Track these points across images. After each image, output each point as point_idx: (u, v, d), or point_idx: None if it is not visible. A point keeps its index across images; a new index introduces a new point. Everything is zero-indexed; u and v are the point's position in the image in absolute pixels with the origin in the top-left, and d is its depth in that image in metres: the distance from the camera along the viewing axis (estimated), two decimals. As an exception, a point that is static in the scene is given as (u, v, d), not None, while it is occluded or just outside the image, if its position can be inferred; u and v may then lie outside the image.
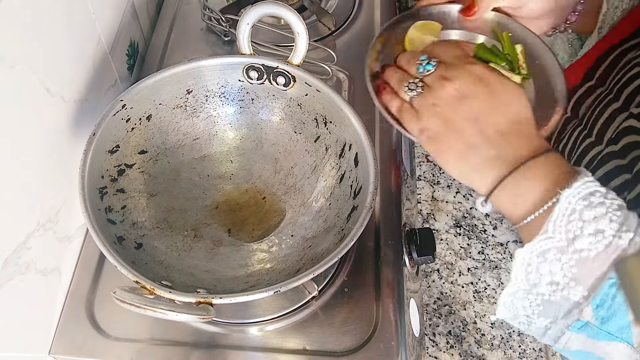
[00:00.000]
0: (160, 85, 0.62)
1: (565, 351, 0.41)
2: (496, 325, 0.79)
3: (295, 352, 0.59)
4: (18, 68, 0.49)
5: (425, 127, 0.45)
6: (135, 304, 0.43)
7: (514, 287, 0.40)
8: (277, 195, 0.67)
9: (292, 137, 0.67)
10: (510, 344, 0.77)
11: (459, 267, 0.84)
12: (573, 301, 0.37)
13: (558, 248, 0.37)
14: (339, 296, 0.63)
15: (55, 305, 0.62)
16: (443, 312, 0.80)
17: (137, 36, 0.83)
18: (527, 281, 0.39)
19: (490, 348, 0.77)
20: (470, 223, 0.89)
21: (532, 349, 0.77)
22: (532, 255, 0.38)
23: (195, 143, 0.68)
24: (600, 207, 0.37)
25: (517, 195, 0.41)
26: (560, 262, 0.37)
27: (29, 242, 0.54)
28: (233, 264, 0.61)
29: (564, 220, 0.37)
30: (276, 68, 0.62)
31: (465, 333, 0.78)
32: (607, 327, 0.37)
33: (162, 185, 0.64)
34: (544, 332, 0.40)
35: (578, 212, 0.37)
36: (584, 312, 0.37)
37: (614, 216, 0.37)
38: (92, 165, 0.54)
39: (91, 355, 0.59)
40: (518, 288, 0.40)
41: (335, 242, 0.55)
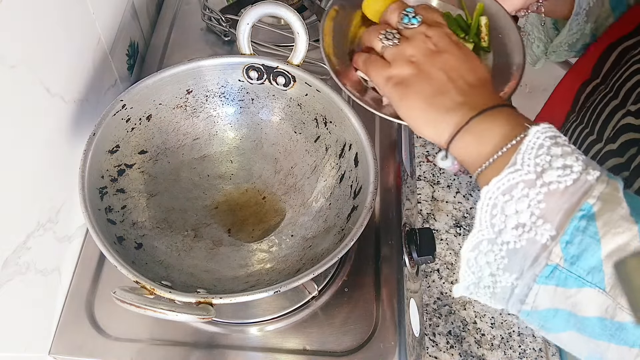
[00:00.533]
0: (160, 85, 0.62)
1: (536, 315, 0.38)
2: (496, 326, 0.79)
3: (295, 352, 0.59)
4: (18, 68, 0.49)
5: (394, 75, 0.45)
6: (135, 304, 0.43)
7: (477, 237, 0.39)
8: (277, 195, 0.67)
9: (292, 137, 0.67)
10: (510, 344, 0.77)
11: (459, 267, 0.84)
12: (540, 244, 0.36)
13: (526, 182, 0.36)
14: (339, 296, 0.63)
15: (55, 305, 0.62)
16: (443, 312, 0.80)
17: (137, 36, 0.83)
18: (492, 227, 0.37)
19: (490, 348, 0.77)
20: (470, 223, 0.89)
21: (532, 349, 0.77)
22: (499, 192, 0.37)
23: (195, 143, 0.68)
24: (566, 147, 0.37)
25: (481, 136, 0.40)
26: (527, 199, 0.36)
27: (29, 242, 0.54)
28: (233, 264, 0.61)
29: (532, 153, 0.36)
30: (276, 68, 0.62)
31: (465, 333, 0.78)
32: (576, 269, 0.35)
33: (162, 185, 0.64)
34: (510, 293, 0.38)
35: (546, 147, 0.36)
36: (552, 253, 0.35)
37: (580, 155, 0.36)
38: (92, 165, 0.54)
39: (91, 355, 0.59)
40: (482, 237, 0.38)
41: (335, 242, 0.55)
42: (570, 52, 0.73)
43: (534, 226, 0.36)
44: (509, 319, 0.79)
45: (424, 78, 0.44)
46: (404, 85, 0.45)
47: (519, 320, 0.79)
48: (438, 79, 0.44)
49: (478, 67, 0.45)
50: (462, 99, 0.43)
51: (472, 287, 0.41)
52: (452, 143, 0.42)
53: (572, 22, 0.66)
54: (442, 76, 0.44)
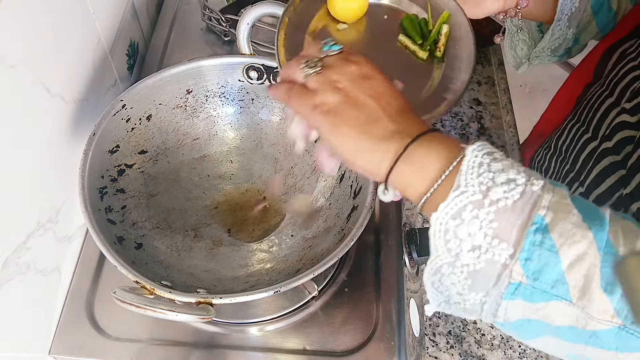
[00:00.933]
0: (160, 85, 0.62)
1: (509, 325, 0.38)
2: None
3: (295, 352, 0.59)
4: (18, 68, 0.49)
5: (320, 102, 0.43)
6: (135, 304, 0.43)
7: (436, 262, 0.38)
8: (277, 195, 0.67)
9: (292, 137, 0.67)
10: (510, 344, 0.77)
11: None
12: (500, 263, 0.35)
13: (474, 203, 0.35)
14: (339, 296, 0.63)
15: (55, 305, 0.62)
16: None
17: (137, 36, 0.83)
18: (449, 252, 0.37)
19: (490, 348, 0.77)
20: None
21: (532, 349, 0.77)
22: (448, 217, 0.36)
23: (195, 143, 0.68)
24: (504, 160, 0.36)
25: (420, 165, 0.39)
26: (478, 220, 0.35)
27: (29, 242, 0.54)
28: (233, 264, 0.61)
29: (474, 173, 0.36)
30: (276, 68, 0.62)
31: (465, 333, 0.78)
32: (540, 284, 0.35)
33: (162, 185, 0.64)
34: (480, 309, 0.38)
35: (486, 164, 0.36)
36: (514, 272, 0.35)
37: (520, 167, 0.36)
38: (92, 165, 0.54)
39: (91, 355, 0.59)
40: (441, 262, 0.37)
41: (335, 242, 0.55)
42: (553, 57, 0.73)
43: (490, 247, 0.35)
44: (509, 319, 0.79)
45: (352, 105, 0.42)
46: (332, 113, 0.42)
47: (519, 320, 0.79)
48: (368, 105, 0.42)
49: (399, 93, 0.44)
50: (395, 126, 0.41)
51: (443, 305, 0.41)
52: (391, 174, 0.40)
53: (555, 27, 0.66)
54: (371, 103, 0.42)
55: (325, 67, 0.44)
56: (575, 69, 0.76)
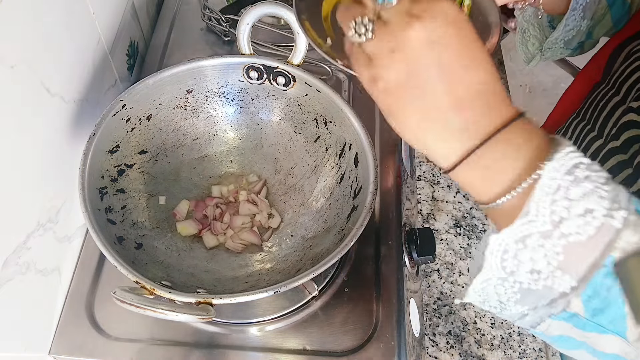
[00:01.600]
0: (160, 85, 0.62)
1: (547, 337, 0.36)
2: (496, 325, 0.79)
3: (295, 352, 0.59)
4: (18, 68, 0.49)
5: (378, 76, 0.35)
6: (135, 304, 0.43)
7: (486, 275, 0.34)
8: (277, 195, 0.67)
9: (292, 137, 0.67)
10: (510, 344, 0.77)
11: (459, 267, 0.84)
12: (558, 292, 0.32)
13: (541, 233, 0.31)
14: (339, 296, 0.63)
15: (55, 305, 0.62)
16: (443, 312, 0.80)
17: (137, 36, 0.83)
18: (503, 269, 0.33)
19: (490, 348, 0.77)
20: (470, 223, 0.89)
21: (532, 349, 0.77)
22: (510, 240, 0.32)
23: (195, 143, 0.68)
24: (587, 183, 0.31)
25: (489, 172, 0.34)
26: (543, 249, 0.32)
27: (29, 242, 0.54)
28: (233, 264, 0.61)
29: (547, 201, 0.31)
30: (276, 68, 0.62)
31: (465, 333, 0.78)
32: (598, 320, 0.32)
33: (162, 185, 0.64)
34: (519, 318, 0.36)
35: (563, 189, 0.31)
36: (572, 303, 0.32)
37: (603, 192, 0.31)
38: (92, 165, 0.54)
39: (91, 355, 0.59)
40: (492, 275, 0.34)
41: (335, 242, 0.55)
42: (566, 49, 0.72)
43: (551, 275, 0.32)
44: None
45: (414, 87, 0.34)
46: (393, 95, 0.35)
47: (519, 320, 0.79)
48: (432, 87, 0.34)
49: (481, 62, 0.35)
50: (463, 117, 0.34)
51: (478, 303, 0.38)
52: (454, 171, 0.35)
53: (569, 17, 0.65)
54: (437, 84, 0.34)
55: (380, 27, 0.35)
56: (583, 69, 0.75)
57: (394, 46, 0.34)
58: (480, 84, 0.34)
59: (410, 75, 0.34)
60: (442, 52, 0.34)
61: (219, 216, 0.64)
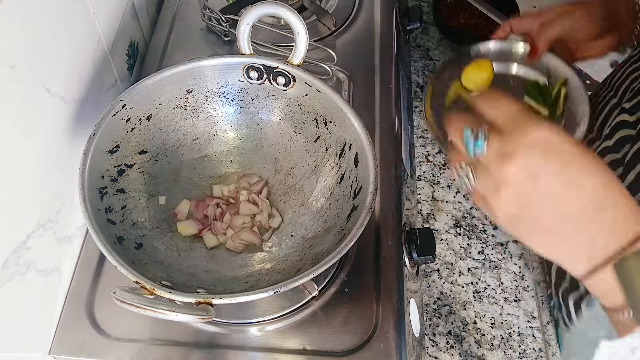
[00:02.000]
0: (160, 85, 0.62)
1: None
2: (496, 326, 0.79)
3: (295, 352, 0.59)
4: (18, 68, 0.49)
5: (496, 212, 0.38)
6: (135, 304, 0.43)
7: None
8: (277, 195, 0.67)
9: (292, 137, 0.67)
10: (510, 344, 0.77)
11: (459, 267, 0.84)
12: None
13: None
14: (339, 296, 0.63)
15: (55, 305, 0.62)
16: (443, 312, 0.80)
17: (137, 36, 0.83)
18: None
19: (490, 348, 0.77)
20: (470, 223, 0.89)
21: (532, 349, 0.77)
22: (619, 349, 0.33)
23: (195, 143, 0.68)
24: None
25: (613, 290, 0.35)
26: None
27: (29, 242, 0.54)
28: (233, 264, 0.61)
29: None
30: (276, 68, 0.62)
31: (465, 333, 0.78)
32: None
33: (162, 185, 0.64)
34: None
35: None
36: None
37: None
38: (92, 165, 0.54)
39: (91, 355, 0.59)
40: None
41: (335, 242, 0.55)
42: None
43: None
44: (509, 319, 0.79)
45: (528, 217, 0.36)
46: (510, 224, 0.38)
47: (518, 320, 0.79)
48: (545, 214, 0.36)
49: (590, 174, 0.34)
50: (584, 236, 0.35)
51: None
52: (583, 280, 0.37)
53: None
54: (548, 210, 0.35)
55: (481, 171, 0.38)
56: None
57: (498, 186, 0.36)
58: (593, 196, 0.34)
59: (522, 208, 0.36)
60: (545, 179, 0.35)
61: (220, 216, 0.64)
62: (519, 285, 0.82)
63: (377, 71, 0.81)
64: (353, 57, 0.83)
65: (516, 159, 0.35)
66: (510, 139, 0.36)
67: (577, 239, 0.36)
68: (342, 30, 0.87)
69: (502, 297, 0.81)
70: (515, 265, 0.84)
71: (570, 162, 0.35)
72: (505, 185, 0.36)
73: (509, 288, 0.82)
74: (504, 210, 0.37)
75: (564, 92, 0.70)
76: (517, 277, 0.83)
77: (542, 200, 0.36)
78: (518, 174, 0.35)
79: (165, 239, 0.61)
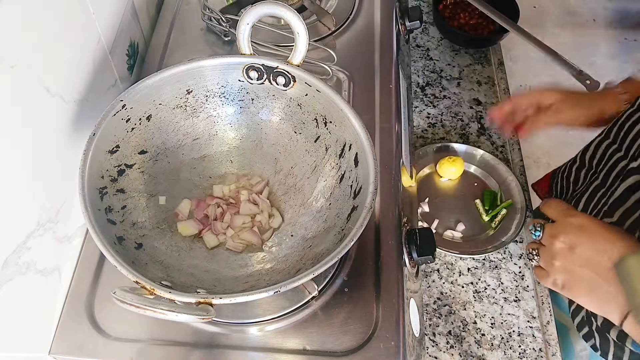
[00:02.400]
0: (160, 85, 0.62)
1: None
2: (496, 326, 0.79)
3: (295, 352, 0.59)
4: (18, 68, 0.49)
5: (554, 280, 0.55)
6: (135, 304, 0.43)
7: None
8: (277, 195, 0.67)
9: (292, 137, 0.67)
10: (510, 344, 0.77)
11: (458, 267, 0.84)
12: None
13: None
14: (339, 296, 0.63)
15: (55, 305, 0.62)
16: (443, 312, 0.80)
17: (137, 36, 0.83)
18: None
19: (490, 348, 0.77)
20: (470, 223, 0.89)
21: (532, 349, 0.77)
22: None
23: (195, 143, 0.68)
24: None
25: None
26: None
27: (29, 242, 0.54)
28: (233, 264, 0.61)
29: None
30: (276, 68, 0.62)
31: (465, 333, 0.78)
32: None
33: (162, 185, 0.64)
34: None
35: None
36: None
37: None
38: (92, 165, 0.54)
39: (91, 355, 0.59)
40: None
41: (335, 242, 0.55)
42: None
43: None
44: (509, 319, 0.79)
45: (575, 280, 0.53)
46: (567, 288, 0.54)
47: (518, 320, 0.79)
48: (584, 276, 0.52)
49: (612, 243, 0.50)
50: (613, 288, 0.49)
51: None
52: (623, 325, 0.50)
53: None
54: (586, 273, 0.51)
55: (541, 248, 0.56)
56: None
57: (552, 257, 0.54)
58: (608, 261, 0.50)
59: (568, 273, 0.53)
60: (580, 250, 0.52)
61: (220, 216, 0.64)
62: (519, 285, 0.82)
63: (377, 71, 0.81)
64: (353, 57, 0.83)
65: (559, 237, 0.53)
66: (556, 225, 0.55)
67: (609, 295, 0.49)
68: (342, 30, 0.87)
69: (502, 297, 0.81)
70: (515, 265, 0.84)
71: (598, 236, 0.51)
72: (555, 257, 0.53)
73: (509, 288, 0.82)
74: (558, 277, 0.54)
75: (502, 213, 0.88)
76: (517, 277, 0.83)
77: (581, 266, 0.51)
78: (562, 248, 0.53)
79: (165, 239, 0.61)
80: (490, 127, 0.99)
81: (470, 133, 1.00)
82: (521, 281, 0.82)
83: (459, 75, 1.08)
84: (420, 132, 0.99)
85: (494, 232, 0.87)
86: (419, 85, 1.05)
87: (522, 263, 0.84)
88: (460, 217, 0.89)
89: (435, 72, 1.08)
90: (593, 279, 0.51)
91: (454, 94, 1.05)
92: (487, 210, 0.89)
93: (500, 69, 1.10)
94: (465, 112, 1.03)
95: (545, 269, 0.56)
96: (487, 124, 1.00)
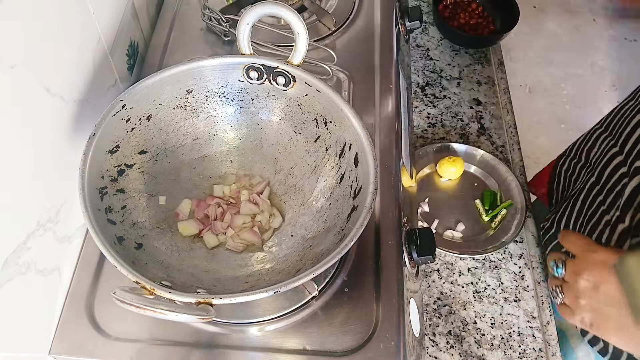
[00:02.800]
0: (160, 85, 0.62)
1: None
2: (496, 326, 0.79)
3: (295, 352, 0.59)
4: (18, 68, 0.49)
5: (582, 319, 0.55)
6: (135, 304, 0.43)
7: None
8: (277, 195, 0.67)
9: (292, 137, 0.67)
10: (510, 344, 0.77)
11: (458, 267, 0.84)
12: None
13: None
14: (339, 296, 0.63)
15: (55, 305, 0.62)
16: (443, 312, 0.80)
17: (137, 36, 0.83)
18: None
19: (490, 348, 0.77)
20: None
21: (532, 349, 0.77)
22: None
23: (195, 143, 0.68)
24: None
25: None
26: None
27: (29, 242, 0.54)
28: (233, 264, 0.61)
29: None
30: (276, 68, 0.62)
31: (465, 333, 0.78)
32: None
33: (162, 185, 0.64)
34: None
35: None
36: None
37: None
38: (92, 165, 0.54)
39: (91, 355, 0.59)
40: None
41: (335, 242, 0.55)
42: None
43: None
44: (509, 319, 0.79)
45: (601, 318, 0.53)
46: (594, 326, 0.54)
47: (518, 320, 0.79)
48: (611, 314, 0.52)
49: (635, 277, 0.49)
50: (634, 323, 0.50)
51: None
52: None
53: None
54: (612, 310, 0.52)
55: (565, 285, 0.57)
56: None
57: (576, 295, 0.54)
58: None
59: (594, 311, 0.53)
60: (605, 288, 0.51)
61: (220, 216, 0.64)
62: (519, 285, 0.82)
63: (377, 71, 0.81)
64: (353, 57, 0.83)
65: (583, 274, 0.53)
66: (578, 262, 0.54)
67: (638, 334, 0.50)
68: (342, 30, 0.87)
69: (502, 297, 0.81)
70: (515, 265, 0.84)
71: (609, 271, 0.51)
72: (580, 296, 0.53)
73: (509, 288, 0.82)
74: (585, 316, 0.54)
75: (502, 213, 0.88)
76: (517, 277, 0.83)
77: (607, 304, 0.52)
78: (586, 287, 0.53)
79: (165, 239, 0.61)
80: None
81: (470, 133, 1.00)
82: (521, 281, 0.82)
83: (459, 75, 1.08)
84: (420, 132, 0.99)
85: (494, 232, 0.87)
86: (419, 85, 1.05)
87: (522, 263, 0.84)
88: (460, 217, 0.89)
89: (435, 72, 1.08)
90: (620, 318, 0.51)
91: (454, 94, 1.05)
92: (487, 211, 0.89)
93: (500, 69, 1.10)
94: (465, 112, 1.03)
95: (571, 307, 0.56)
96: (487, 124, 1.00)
